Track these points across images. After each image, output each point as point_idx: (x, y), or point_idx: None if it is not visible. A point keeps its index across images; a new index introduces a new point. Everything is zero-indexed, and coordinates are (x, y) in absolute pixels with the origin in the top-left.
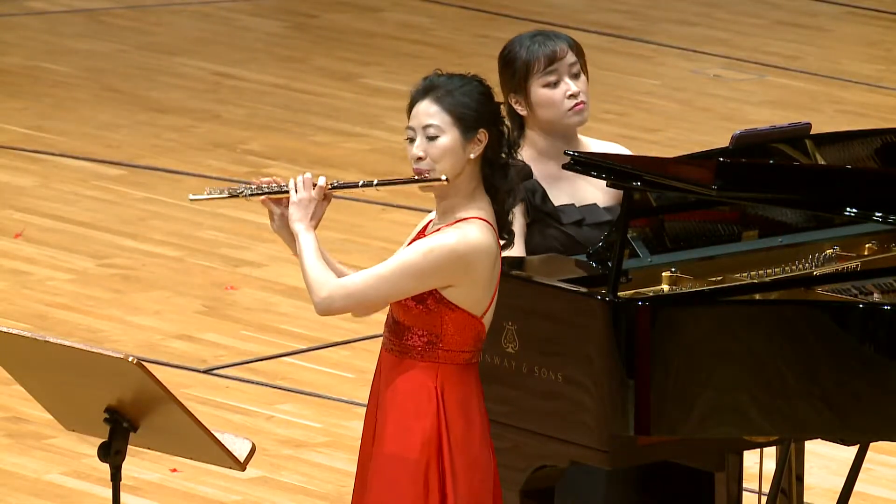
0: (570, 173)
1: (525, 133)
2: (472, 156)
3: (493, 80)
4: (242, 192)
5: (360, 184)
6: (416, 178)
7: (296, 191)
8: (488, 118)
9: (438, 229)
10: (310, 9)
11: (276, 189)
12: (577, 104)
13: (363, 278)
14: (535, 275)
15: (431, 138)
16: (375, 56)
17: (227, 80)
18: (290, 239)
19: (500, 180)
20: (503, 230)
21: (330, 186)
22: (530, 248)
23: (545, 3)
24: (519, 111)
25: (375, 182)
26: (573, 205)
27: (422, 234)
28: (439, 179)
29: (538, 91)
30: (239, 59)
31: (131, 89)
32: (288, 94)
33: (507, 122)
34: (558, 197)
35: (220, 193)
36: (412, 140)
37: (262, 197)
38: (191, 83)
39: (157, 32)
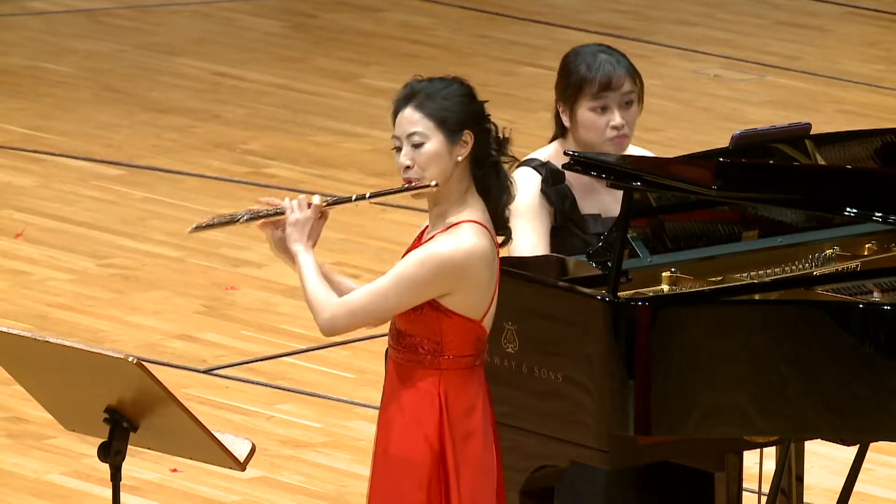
0: (602, 186)
1: (566, 140)
2: (459, 158)
3: (492, 79)
4: (241, 217)
5: (353, 198)
6: (407, 186)
7: (291, 211)
8: (472, 118)
9: (433, 237)
10: (310, 9)
11: (272, 212)
12: (617, 136)
13: (363, 295)
14: (536, 275)
15: (417, 145)
16: (375, 56)
17: (227, 80)
18: (290, 260)
19: (493, 179)
20: (500, 227)
21: (325, 204)
22: (552, 250)
23: (545, 3)
24: (563, 121)
25: (368, 195)
26: (600, 215)
27: (418, 242)
28: (429, 186)
29: (584, 113)
30: (239, 59)
31: (131, 89)
32: (288, 94)
33: (492, 120)
34: (587, 207)
35: (220, 220)
36: (399, 149)
37: (260, 221)
38: (191, 83)
39: (157, 32)
